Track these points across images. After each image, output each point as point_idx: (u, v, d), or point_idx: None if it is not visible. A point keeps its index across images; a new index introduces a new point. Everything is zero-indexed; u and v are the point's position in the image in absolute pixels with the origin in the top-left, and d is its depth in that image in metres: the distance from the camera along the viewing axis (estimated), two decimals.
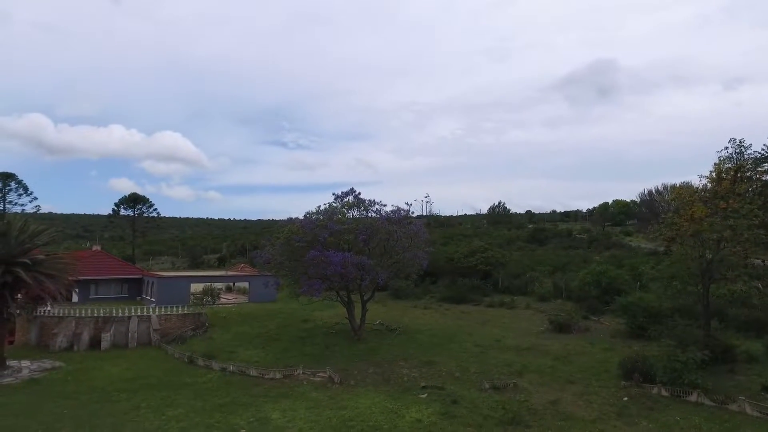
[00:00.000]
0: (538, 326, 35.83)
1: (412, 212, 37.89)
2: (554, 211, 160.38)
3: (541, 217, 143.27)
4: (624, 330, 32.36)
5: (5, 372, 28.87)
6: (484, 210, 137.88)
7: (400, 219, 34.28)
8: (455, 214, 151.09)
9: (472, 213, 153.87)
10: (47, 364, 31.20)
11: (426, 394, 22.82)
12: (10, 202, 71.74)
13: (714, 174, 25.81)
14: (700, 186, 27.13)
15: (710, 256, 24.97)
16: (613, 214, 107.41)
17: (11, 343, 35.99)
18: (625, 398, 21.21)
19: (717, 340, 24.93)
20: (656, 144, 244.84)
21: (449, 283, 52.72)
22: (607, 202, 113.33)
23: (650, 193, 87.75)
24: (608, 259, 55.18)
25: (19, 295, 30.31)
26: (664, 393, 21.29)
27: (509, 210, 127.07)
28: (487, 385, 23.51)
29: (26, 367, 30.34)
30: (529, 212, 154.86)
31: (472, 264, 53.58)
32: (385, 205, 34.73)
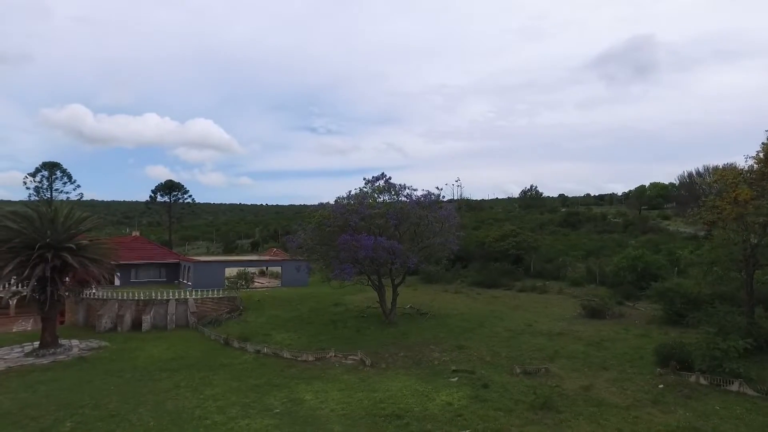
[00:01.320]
0: (571, 311, 35.38)
1: (443, 196, 37.76)
2: (588, 195, 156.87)
3: (575, 200, 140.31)
4: (660, 316, 31.60)
5: (58, 350, 30.49)
6: (516, 194, 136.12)
7: (430, 203, 34.21)
8: (486, 198, 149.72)
9: (504, 197, 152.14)
10: (94, 343, 32.74)
11: (456, 378, 22.94)
12: (56, 190, 74.82)
13: (762, 154, 24.45)
14: (746, 167, 25.84)
15: (755, 240, 23.97)
16: (651, 197, 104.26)
17: (62, 323, 37.87)
18: (661, 386, 20.76)
19: (761, 328, 24.01)
20: (697, 124, 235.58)
21: (480, 268, 52.47)
22: (644, 185, 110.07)
23: (690, 175, 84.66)
24: (644, 244, 53.78)
25: (66, 279, 31.70)
26: (702, 381, 20.73)
27: (542, 193, 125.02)
28: (518, 370, 23.44)
29: (76, 345, 31.93)
30: (562, 196, 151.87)
31: (503, 248, 53.14)
32: (415, 190, 34.75)
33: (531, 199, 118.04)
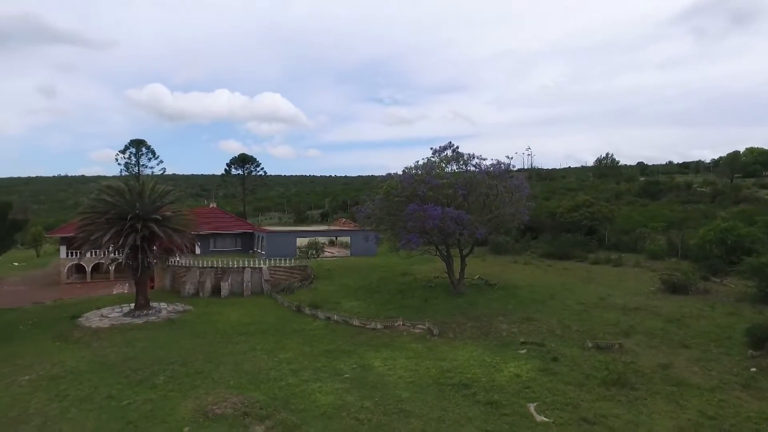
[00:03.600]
0: (649, 286, 33.57)
1: (513, 166, 36.62)
2: (671, 162, 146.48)
3: (655, 168, 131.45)
4: (754, 294, 29.06)
5: (150, 311, 33.32)
6: (590, 162, 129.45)
7: (500, 173, 33.35)
8: (558, 167, 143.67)
9: (577, 166, 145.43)
10: (180, 307, 35.39)
11: (525, 350, 22.66)
12: (143, 165, 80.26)
13: None
14: None
15: None
16: (746, 163, 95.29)
17: (152, 287, 41.20)
18: (753, 369, 19.17)
19: None
20: None
21: (551, 239, 50.88)
22: (738, 151, 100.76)
23: None
24: (736, 215, 49.54)
25: (154, 247, 34.26)
26: None
27: (618, 162, 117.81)
28: (590, 344, 22.75)
29: (164, 308, 34.69)
30: (641, 164, 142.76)
31: (575, 219, 51.07)
32: (484, 159, 33.92)
33: (606, 167, 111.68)
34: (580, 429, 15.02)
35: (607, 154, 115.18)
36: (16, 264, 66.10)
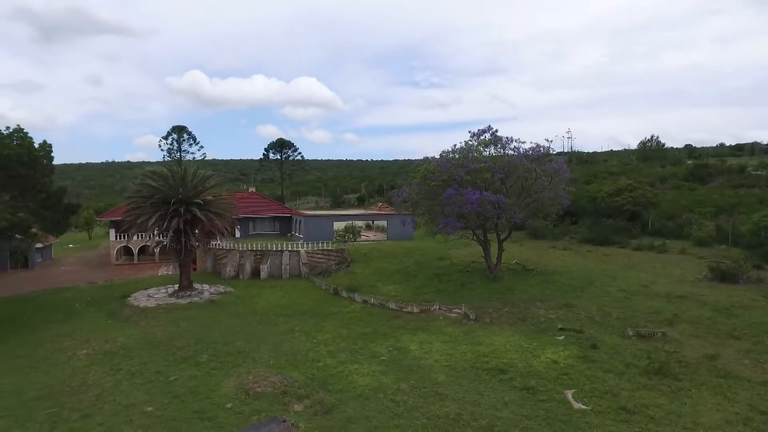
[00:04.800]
0: (695, 273, 32.35)
1: (553, 149, 35.71)
2: (722, 144, 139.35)
3: (705, 151, 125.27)
4: None
5: (193, 292, 34.57)
6: (634, 145, 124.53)
7: (539, 156, 32.62)
8: (599, 151, 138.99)
9: (619, 149, 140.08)
10: (221, 288, 36.54)
11: (563, 337, 22.35)
12: (184, 151, 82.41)
13: None
14: None
15: None
16: None
17: (194, 269, 42.64)
18: None
19: None
20: None
21: (591, 224, 49.60)
22: None
23: None
24: None
25: (196, 231, 35.36)
26: None
27: (663, 144, 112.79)
28: (630, 332, 22.21)
29: (206, 290, 35.90)
30: (688, 146, 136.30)
31: (617, 204, 49.56)
32: (523, 142, 33.20)
33: (651, 150, 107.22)
34: (619, 418, 14.76)
35: (652, 137, 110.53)
36: (71, 246, 69.65)
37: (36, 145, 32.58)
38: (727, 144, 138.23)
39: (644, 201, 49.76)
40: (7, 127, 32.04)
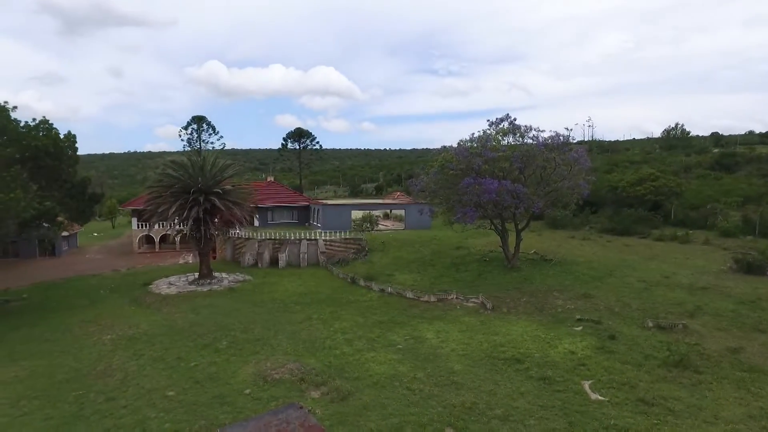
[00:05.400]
0: (719, 265, 31.67)
1: (573, 138, 35.16)
2: (751, 132, 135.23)
3: (732, 139, 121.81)
4: None
5: (213, 280, 35.15)
6: (657, 133, 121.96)
7: (559, 145, 32.16)
8: (621, 139, 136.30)
9: (642, 137, 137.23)
10: (240, 276, 37.07)
11: (581, 327, 22.17)
12: (204, 141, 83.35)
13: None
14: None
15: None
16: None
17: (214, 258, 43.34)
18: None
19: None
20: None
21: (612, 214, 48.85)
22: None
23: None
24: None
25: (215, 220, 35.86)
26: None
27: (689, 132, 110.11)
28: (650, 324, 21.91)
29: (226, 278, 36.46)
30: (715, 134, 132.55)
31: (639, 193, 48.66)
32: (542, 131, 32.74)
33: (675, 138, 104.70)
34: (636, 409, 14.62)
35: (677, 125, 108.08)
36: (96, 234, 71.28)
37: (61, 136, 33.34)
38: (757, 131, 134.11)
39: (667, 190, 48.76)
40: (34, 119, 32.89)
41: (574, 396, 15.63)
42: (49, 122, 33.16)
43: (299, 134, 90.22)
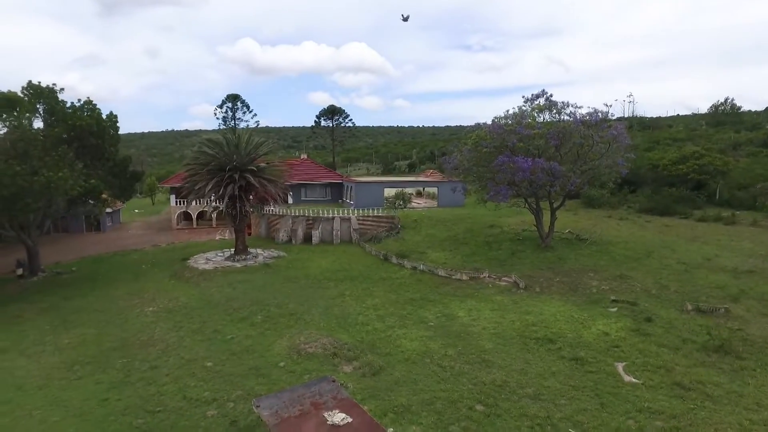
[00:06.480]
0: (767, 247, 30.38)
1: (612, 114, 33.94)
2: None
3: None
4: None
5: (248, 256, 36.01)
6: (704, 109, 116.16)
7: (597, 122, 31.14)
8: (664, 115, 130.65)
9: (687, 113, 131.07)
10: (274, 253, 37.84)
11: (616, 309, 21.77)
12: (238, 119, 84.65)
13: None
14: None
15: None
16: None
17: (249, 234, 44.29)
18: None
19: None
20: None
21: (651, 193, 47.30)
22: None
23: None
24: None
25: (250, 197, 36.52)
26: None
27: (739, 107, 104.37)
28: (689, 307, 21.31)
29: (260, 254, 37.29)
30: None
31: (681, 172, 46.84)
32: (580, 107, 31.68)
33: (724, 114, 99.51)
34: (672, 393, 14.36)
35: (726, 99, 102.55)
36: (137, 211, 73.87)
37: (104, 116, 34.44)
38: None
39: (712, 169, 46.74)
40: (79, 100, 34.05)
41: (606, 377, 15.47)
42: (93, 103, 34.27)
43: (332, 111, 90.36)
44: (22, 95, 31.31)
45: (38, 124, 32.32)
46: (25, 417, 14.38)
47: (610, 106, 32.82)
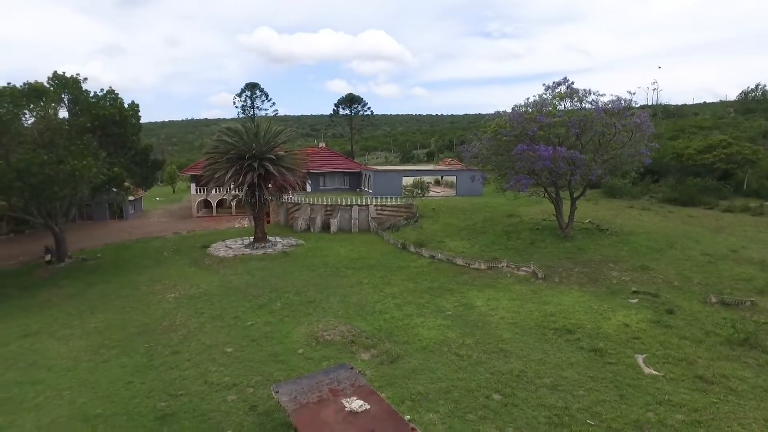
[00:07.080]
0: None
1: (635, 102, 33.21)
2: None
3: None
4: None
5: (267, 244, 36.40)
6: (732, 96, 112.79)
7: (619, 110, 30.51)
8: (690, 103, 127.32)
9: (714, 101, 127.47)
10: (293, 241, 38.17)
11: (636, 300, 21.49)
12: (257, 107, 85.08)
13: None
14: None
15: None
16: None
17: (268, 222, 44.73)
18: None
19: None
20: None
21: (675, 183, 46.30)
22: None
23: None
24: None
25: (269, 185, 36.81)
26: None
27: None
28: (713, 299, 20.91)
29: (279, 242, 37.65)
30: None
31: (707, 161, 45.69)
32: (602, 95, 31.09)
33: (755, 101, 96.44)
34: (694, 386, 14.16)
35: (757, 85, 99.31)
36: (158, 199, 75.13)
37: (125, 106, 34.94)
38: None
39: (740, 158, 45.49)
40: (102, 89, 34.58)
41: (626, 369, 15.32)
42: (115, 92, 34.76)
43: (350, 100, 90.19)
44: (47, 86, 31.90)
45: (63, 113, 32.95)
46: (56, 397, 14.90)
47: (634, 93, 32.01)
